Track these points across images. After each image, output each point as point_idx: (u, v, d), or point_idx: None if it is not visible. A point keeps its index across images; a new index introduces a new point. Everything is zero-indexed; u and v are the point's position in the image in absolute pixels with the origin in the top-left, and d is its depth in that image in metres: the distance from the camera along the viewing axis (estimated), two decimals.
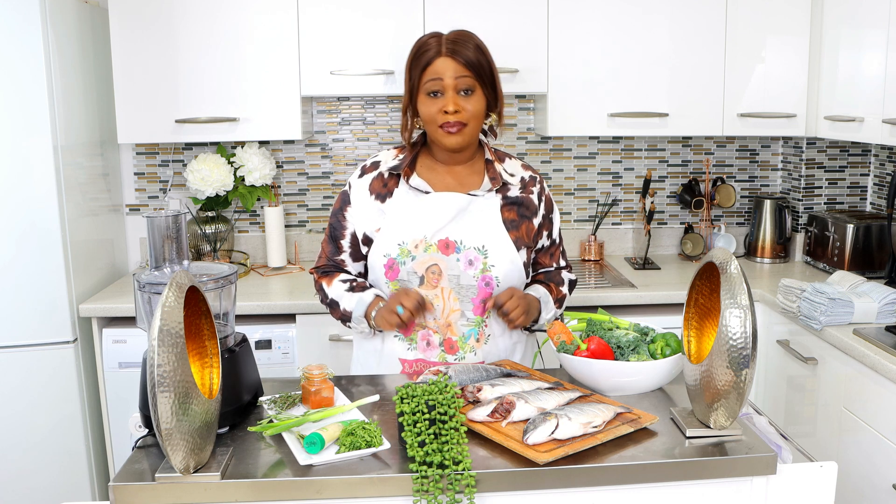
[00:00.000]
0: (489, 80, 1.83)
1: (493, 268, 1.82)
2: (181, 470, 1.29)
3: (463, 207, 1.84)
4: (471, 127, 1.81)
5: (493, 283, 1.82)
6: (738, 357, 1.35)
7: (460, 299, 1.82)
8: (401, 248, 1.82)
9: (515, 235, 1.86)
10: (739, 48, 2.93)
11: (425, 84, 1.80)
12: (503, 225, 1.85)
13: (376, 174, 1.90)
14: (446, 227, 1.82)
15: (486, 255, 1.82)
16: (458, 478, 1.31)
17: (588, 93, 2.93)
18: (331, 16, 2.82)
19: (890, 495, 2.06)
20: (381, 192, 1.88)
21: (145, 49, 2.79)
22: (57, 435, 2.63)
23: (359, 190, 1.90)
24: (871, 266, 2.89)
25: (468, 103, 1.79)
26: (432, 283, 1.81)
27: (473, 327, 1.83)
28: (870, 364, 2.11)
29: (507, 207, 1.88)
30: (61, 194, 2.58)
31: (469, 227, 1.83)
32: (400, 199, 1.86)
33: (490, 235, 1.83)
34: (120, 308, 2.65)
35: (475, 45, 1.81)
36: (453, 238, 1.82)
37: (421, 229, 1.82)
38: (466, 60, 1.78)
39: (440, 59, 1.78)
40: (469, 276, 1.81)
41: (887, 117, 2.46)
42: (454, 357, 1.84)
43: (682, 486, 1.40)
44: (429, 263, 1.81)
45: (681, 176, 3.38)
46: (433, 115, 1.80)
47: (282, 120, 2.88)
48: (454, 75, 1.78)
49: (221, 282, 1.55)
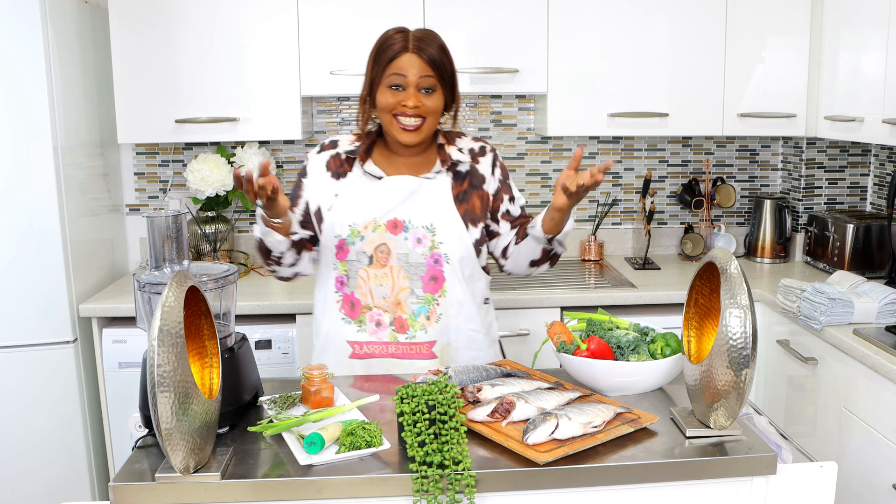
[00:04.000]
0: (449, 81, 1.88)
1: (441, 244, 1.85)
2: (181, 470, 1.29)
3: (414, 190, 1.87)
4: (427, 124, 1.85)
5: (443, 260, 1.86)
6: (738, 357, 1.35)
7: (409, 277, 1.85)
8: (351, 228, 1.86)
9: (465, 209, 1.90)
10: (739, 48, 2.93)
11: (388, 77, 1.83)
12: (453, 203, 1.89)
13: (334, 153, 1.95)
14: (396, 208, 1.86)
15: (434, 233, 1.85)
16: (458, 478, 1.31)
17: (588, 93, 2.93)
18: (331, 16, 2.82)
19: (890, 495, 2.06)
20: (338, 170, 1.92)
21: (145, 49, 2.79)
22: (57, 435, 2.63)
23: (316, 164, 1.95)
24: (871, 266, 2.89)
25: (428, 100, 1.84)
26: (381, 261, 1.85)
27: (423, 305, 1.86)
28: (870, 364, 2.11)
29: (457, 183, 1.92)
30: (61, 194, 2.58)
31: (418, 207, 1.87)
32: (353, 182, 1.90)
33: (439, 214, 1.87)
34: (120, 308, 2.65)
35: (439, 46, 1.86)
36: (402, 218, 1.86)
37: (371, 211, 1.86)
38: (431, 59, 1.82)
39: (406, 55, 1.82)
40: (418, 253, 1.85)
41: (887, 117, 2.46)
42: (405, 336, 1.86)
43: (682, 486, 1.40)
44: (377, 243, 1.85)
45: (681, 176, 3.38)
46: (391, 104, 1.83)
47: (282, 120, 2.88)
48: (419, 73, 1.82)
49: (221, 282, 1.55)
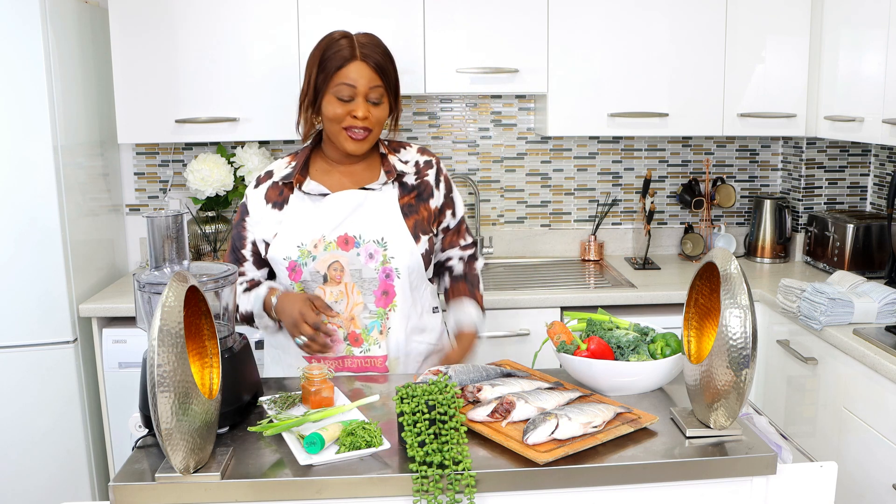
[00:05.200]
0: (394, 88, 1.87)
1: (392, 259, 1.85)
2: (181, 470, 1.29)
3: (360, 203, 1.86)
4: (374, 133, 1.85)
5: (394, 274, 1.85)
6: (737, 357, 1.35)
7: (363, 292, 1.85)
8: (300, 249, 1.84)
9: (413, 220, 1.89)
10: (739, 48, 2.93)
11: (336, 86, 1.80)
12: (401, 215, 1.88)
13: (271, 183, 1.92)
14: (343, 223, 1.85)
15: (385, 248, 1.85)
16: (458, 478, 1.31)
17: (588, 93, 2.93)
18: (331, 16, 2.81)
19: (890, 495, 2.06)
20: (277, 199, 1.90)
21: (145, 49, 2.79)
22: (57, 435, 2.63)
23: (255, 200, 1.92)
24: (871, 266, 2.89)
25: (377, 111, 1.83)
26: (336, 279, 1.84)
27: (376, 319, 1.86)
28: (870, 364, 2.11)
29: (403, 193, 1.91)
30: (61, 194, 2.58)
31: (367, 220, 1.85)
32: (295, 206, 1.88)
33: (388, 227, 1.86)
34: (120, 308, 2.65)
35: (384, 52, 1.85)
36: (352, 233, 1.84)
37: (319, 229, 1.84)
38: (378, 67, 1.81)
39: (354, 64, 1.80)
40: (370, 269, 1.84)
41: (887, 117, 2.46)
42: (359, 350, 1.86)
43: (682, 486, 1.40)
44: (330, 261, 1.84)
45: (681, 176, 3.38)
46: (340, 116, 1.81)
47: (282, 120, 2.87)
48: (368, 84, 1.80)
49: (221, 282, 1.55)
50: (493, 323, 2.70)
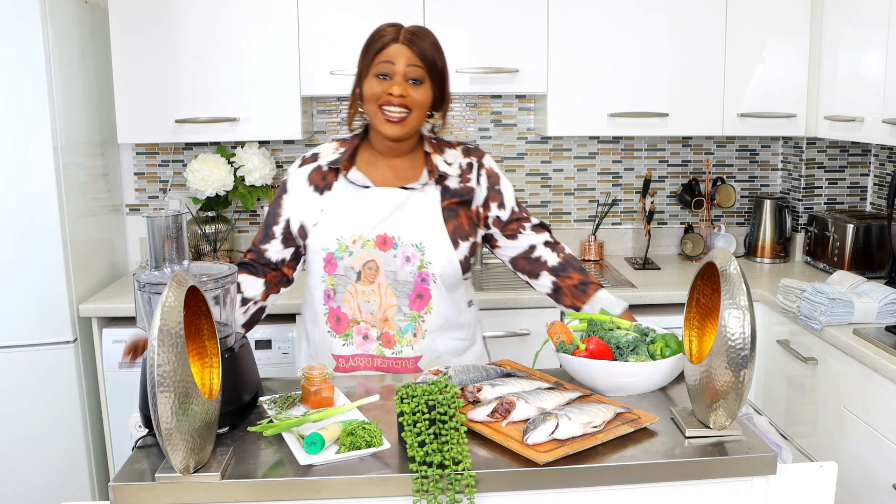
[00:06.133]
0: (439, 77, 1.85)
1: (429, 265, 1.83)
2: (181, 470, 1.29)
3: (401, 203, 1.84)
4: (413, 117, 1.82)
5: (430, 279, 1.83)
6: (736, 357, 1.35)
7: (396, 295, 1.83)
8: (339, 242, 1.83)
9: (453, 225, 1.86)
10: (739, 48, 2.93)
11: (376, 65, 1.80)
12: (442, 219, 1.86)
13: (315, 166, 1.91)
14: (384, 222, 1.83)
15: (423, 252, 1.83)
16: (458, 478, 1.31)
17: (588, 93, 2.93)
18: (330, 16, 2.82)
19: (890, 495, 2.06)
20: (320, 184, 1.89)
21: (145, 49, 2.79)
22: (57, 435, 2.63)
23: (297, 179, 1.91)
24: (871, 266, 2.89)
25: (415, 91, 1.81)
26: (369, 278, 1.83)
27: (410, 322, 1.85)
28: (870, 364, 2.11)
29: (445, 198, 1.89)
30: (61, 194, 2.58)
31: (407, 222, 1.84)
32: (338, 193, 1.87)
33: (427, 232, 1.84)
34: (120, 308, 2.65)
35: (432, 42, 1.84)
36: (391, 234, 1.83)
37: (359, 225, 1.83)
38: (420, 52, 1.80)
39: (395, 45, 1.80)
40: (406, 272, 1.83)
41: (887, 117, 2.46)
42: (391, 351, 1.85)
43: (682, 487, 1.40)
44: (366, 259, 1.83)
45: (681, 176, 3.38)
46: (377, 93, 1.80)
47: (282, 120, 2.88)
48: (406, 62, 1.79)
49: (221, 282, 1.55)
50: (493, 323, 2.70)
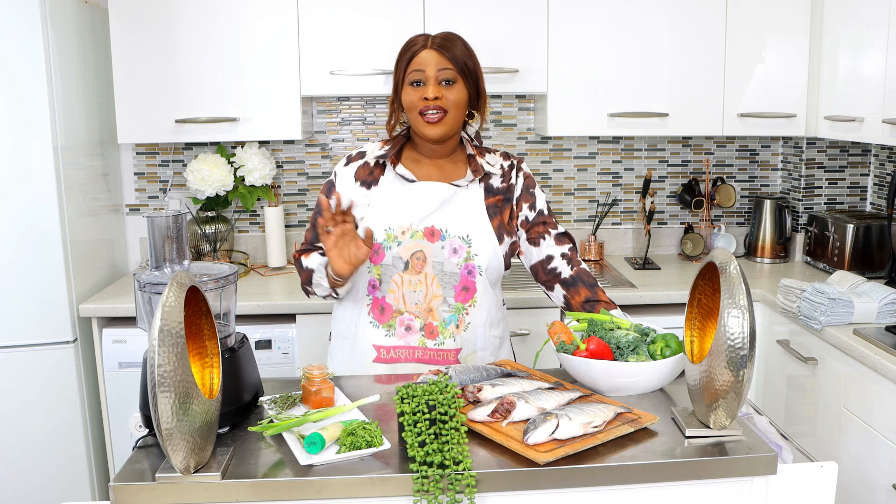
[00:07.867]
0: (472, 77, 1.87)
1: (476, 257, 1.86)
2: (181, 470, 1.29)
3: (447, 198, 1.88)
4: (451, 116, 1.85)
5: (476, 271, 1.87)
6: (736, 357, 1.35)
7: (443, 286, 1.86)
8: (387, 233, 1.86)
9: (498, 221, 1.91)
10: (739, 48, 2.93)
11: (409, 74, 1.85)
12: (487, 215, 1.90)
13: (362, 163, 1.94)
14: (432, 215, 1.87)
15: (469, 245, 1.86)
16: (459, 478, 1.31)
17: (588, 93, 2.93)
18: (331, 16, 2.82)
19: (890, 495, 2.06)
20: (367, 179, 1.92)
21: (145, 49, 2.79)
22: (57, 435, 2.63)
23: (344, 177, 1.94)
24: (871, 266, 2.89)
25: (449, 92, 1.84)
26: (416, 268, 1.86)
27: (454, 314, 1.87)
28: (870, 364, 2.11)
29: (489, 197, 1.93)
30: (61, 194, 2.58)
31: (454, 216, 1.88)
32: (385, 187, 1.91)
33: (474, 225, 1.88)
34: (120, 308, 2.66)
35: (462, 45, 1.87)
36: (439, 226, 1.86)
37: (407, 216, 1.87)
38: (450, 55, 1.83)
39: (425, 52, 1.84)
40: (453, 263, 1.86)
41: (887, 117, 2.46)
42: (433, 342, 1.87)
43: (682, 487, 1.40)
44: (414, 249, 1.85)
45: (681, 176, 3.38)
46: (414, 102, 1.84)
47: (282, 120, 2.88)
48: (437, 67, 1.83)
49: (221, 282, 1.55)
50: None
